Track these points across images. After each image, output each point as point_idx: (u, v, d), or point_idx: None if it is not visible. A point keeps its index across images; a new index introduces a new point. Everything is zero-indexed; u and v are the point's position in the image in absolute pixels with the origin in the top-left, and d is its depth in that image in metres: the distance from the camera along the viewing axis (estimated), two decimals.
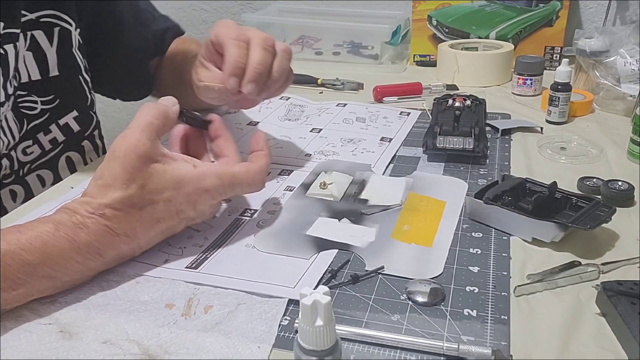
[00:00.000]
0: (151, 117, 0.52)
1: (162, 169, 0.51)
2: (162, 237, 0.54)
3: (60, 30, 0.72)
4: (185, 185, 0.51)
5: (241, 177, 0.55)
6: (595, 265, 0.52)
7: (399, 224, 0.60)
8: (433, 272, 0.52)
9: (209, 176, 0.53)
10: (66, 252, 0.47)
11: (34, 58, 0.69)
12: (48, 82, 0.71)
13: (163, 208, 0.51)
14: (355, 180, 0.69)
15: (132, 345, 0.44)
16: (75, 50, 0.75)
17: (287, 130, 0.85)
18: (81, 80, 0.77)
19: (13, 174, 0.69)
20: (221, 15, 1.51)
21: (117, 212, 0.49)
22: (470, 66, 1.07)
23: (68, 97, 0.74)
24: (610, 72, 0.92)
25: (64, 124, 0.74)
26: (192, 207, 0.53)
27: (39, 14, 0.69)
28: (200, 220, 0.57)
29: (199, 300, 0.49)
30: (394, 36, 1.20)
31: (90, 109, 0.79)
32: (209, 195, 0.53)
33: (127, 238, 0.50)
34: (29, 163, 0.71)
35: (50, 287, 0.48)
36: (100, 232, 0.48)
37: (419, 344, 0.43)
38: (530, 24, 1.16)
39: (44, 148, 0.72)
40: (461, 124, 0.76)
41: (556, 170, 0.72)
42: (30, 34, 0.68)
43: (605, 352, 0.43)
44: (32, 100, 0.70)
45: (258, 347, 0.43)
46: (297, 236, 0.58)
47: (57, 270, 0.47)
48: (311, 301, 0.36)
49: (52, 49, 0.71)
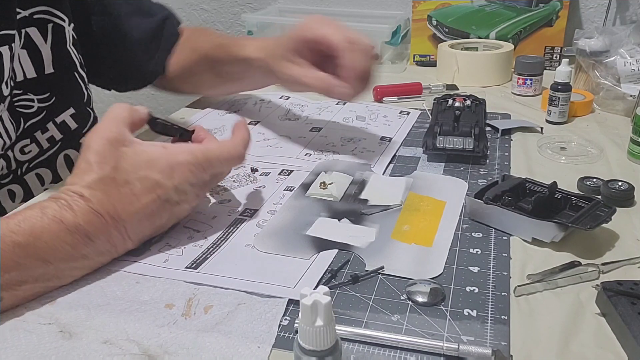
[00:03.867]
0: (120, 110, 0.55)
1: (133, 151, 0.53)
2: (150, 226, 0.54)
3: (53, 27, 0.71)
4: (157, 162, 0.53)
5: (215, 152, 0.55)
6: (595, 265, 0.52)
7: (399, 224, 0.60)
8: (433, 272, 0.52)
9: (180, 152, 0.54)
10: (54, 233, 0.47)
11: (28, 56, 0.68)
12: (43, 80, 0.71)
13: (140, 186, 0.51)
14: (355, 180, 0.69)
15: (132, 345, 0.44)
16: (69, 46, 0.75)
17: (287, 130, 0.85)
18: (77, 77, 0.76)
19: (11, 174, 0.69)
20: (221, 15, 1.51)
21: (95, 192, 0.50)
22: (470, 66, 1.07)
23: (64, 94, 0.74)
24: (610, 72, 0.92)
25: (61, 122, 0.74)
26: (172, 186, 0.53)
27: (32, 10, 0.68)
28: (188, 208, 0.56)
29: (199, 300, 0.49)
30: (394, 36, 1.20)
31: (87, 105, 0.79)
32: (184, 171, 0.53)
33: (112, 220, 0.50)
34: (27, 162, 0.71)
35: (45, 273, 0.47)
36: (84, 212, 0.49)
37: (419, 344, 0.43)
38: (530, 24, 1.17)
39: (41, 147, 0.72)
40: (461, 124, 0.76)
41: (556, 170, 0.72)
42: (24, 32, 0.68)
43: (605, 352, 0.43)
44: (29, 98, 0.69)
45: (258, 347, 0.43)
46: (297, 236, 0.58)
47: (48, 253, 0.47)
48: (311, 301, 0.35)
49: (46, 45, 0.71)
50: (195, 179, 0.54)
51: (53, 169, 0.75)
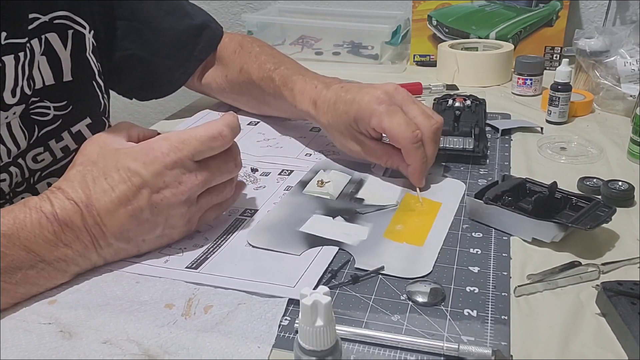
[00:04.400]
0: (122, 124, 0.58)
1: (116, 148, 0.54)
2: (127, 215, 0.51)
3: (74, 34, 0.70)
4: (133, 151, 0.53)
5: (191, 132, 0.53)
6: (595, 266, 0.52)
7: (393, 223, 0.60)
8: (422, 271, 0.52)
9: (155, 140, 0.53)
10: (35, 221, 0.49)
11: (47, 62, 0.67)
12: (62, 88, 0.70)
13: (116, 177, 0.51)
14: (353, 180, 0.69)
15: (132, 345, 0.44)
16: (89, 54, 0.73)
17: (287, 130, 0.85)
18: (95, 86, 0.75)
19: (24, 182, 0.68)
20: (221, 15, 1.51)
21: (72, 184, 0.51)
22: (470, 66, 1.07)
23: (81, 103, 0.72)
24: (610, 72, 0.92)
25: (76, 132, 0.72)
26: (147, 173, 0.51)
27: (52, 15, 0.67)
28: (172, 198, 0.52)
29: (199, 300, 0.49)
30: (394, 36, 1.20)
31: (102, 115, 0.77)
32: (157, 155, 0.51)
33: (86, 208, 0.50)
34: (39, 171, 0.69)
35: (32, 265, 0.48)
36: (60, 200, 0.50)
37: (419, 344, 0.43)
38: (530, 24, 1.16)
39: (55, 156, 0.70)
40: (461, 124, 0.76)
41: (556, 170, 0.72)
42: (44, 37, 0.66)
43: (605, 352, 0.43)
44: (45, 106, 0.68)
45: (258, 347, 0.43)
46: (290, 232, 0.58)
47: (31, 241, 0.48)
48: (311, 301, 0.35)
49: (66, 52, 0.69)
50: (172, 162, 0.52)
51: None
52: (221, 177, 0.55)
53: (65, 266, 0.50)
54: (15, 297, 0.48)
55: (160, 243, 0.55)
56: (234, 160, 0.56)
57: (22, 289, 0.48)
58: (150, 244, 0.54)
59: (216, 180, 0.55)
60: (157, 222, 0.53)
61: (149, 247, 0.55)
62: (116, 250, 0.53)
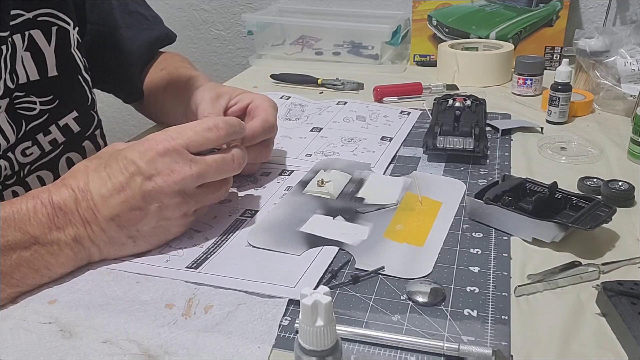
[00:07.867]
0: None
1: (124, 145, 0.56)
2: (119, 200, 0.52)
3: (58, 30, 0.71)
4: (135, 143, 0.54)
5: (189, 126, 0.54)
6: (595, 266, 0.52)
7: (393, 223, 0.60)
8: (422, 271, 0.52)
9: (156, 133, 0.54)
10: (31, 206, 0.51)
11: (32, 58, 0.68)
12: (47, 83, 0.71)
13: (115, 166, 0.53)
14: (354, 179, 0.69)
15: (132, 345, 0.44)
16: (74, 49, 0.74)
17: (287, 130, 0.85)
18: (81, 80, 0.76)
19: (14, 175, 0.69)
20: (221, 15, 1.51)
21: (74, 174, 0.54)
22: (470, 66, 1.07)
23: (68, 97, 0.74)
24: (610, 72, 0.92)
25: (63, 125, 0.73)
26: (141, 161, 0.52)
27: (36, 12, 0.68)
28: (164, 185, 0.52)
29: (199, 300, 0.49)
30: (394, 36, 1.20)
31: (91, 109, 0.78)
32: (152, 143, 0.53)
33: (81, 192, 0.52)
34: (28, 164, 0.70)
35: (24, 240, 0.49)
36: (59, 189, 0.52)
37: (419, 344, 0.43)
38: (531, 24, 1.17)
39: (43, 149, 0.72)
40: (461, 124, 0.76)
41: (556, 170, 0.72)
42: (27, 34, 0.67)
43: (605, 352, 0.43)
44: (31, 101, 0.69)
45: (258, 348, 0.43)
46: (290, 232, 0.58)
47: (27, 223, 0.50)
48: (312, 301, 0.35)
49: (50, 48, 0.70)
50: (164, 149, 0.52)
51: (55, 172, 0.75)
52: (217, 174, 0.55)
53: (58, 250, 0.51)
54: (11, 283, 0.49)
55: (158, 238, 0.55)
56: (233, 160, 0.56)
57: (18, 273, 0.49)
58: (147, 237, 0.55)
59: (212, 177, 0.55)
60: (150, 210, 0.53)
61: (145, 241, 0.55)
62: (110, 238, 0.53)
